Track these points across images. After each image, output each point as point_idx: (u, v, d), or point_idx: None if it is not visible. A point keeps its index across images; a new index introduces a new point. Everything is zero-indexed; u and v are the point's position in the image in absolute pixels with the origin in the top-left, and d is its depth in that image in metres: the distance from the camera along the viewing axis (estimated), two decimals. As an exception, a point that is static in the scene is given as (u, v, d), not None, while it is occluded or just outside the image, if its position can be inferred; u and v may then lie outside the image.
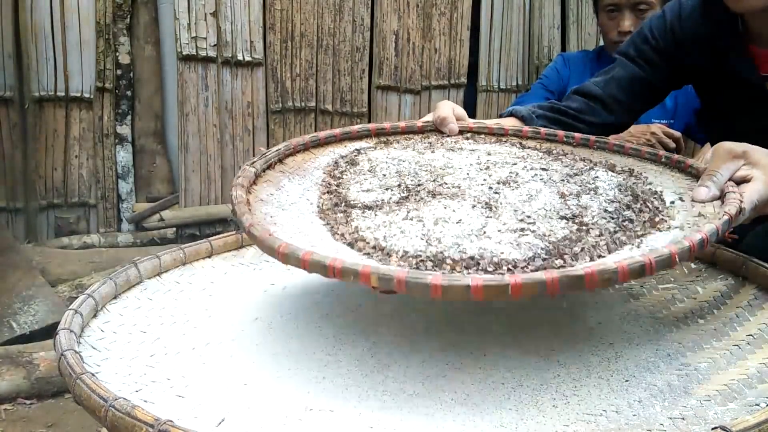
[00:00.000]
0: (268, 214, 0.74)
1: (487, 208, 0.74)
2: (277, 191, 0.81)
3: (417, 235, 0.67)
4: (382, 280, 0.54)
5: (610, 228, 0.70)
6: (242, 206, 0.69)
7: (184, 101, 3.11)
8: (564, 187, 0.80)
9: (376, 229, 0.70)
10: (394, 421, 0.59)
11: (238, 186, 0.74)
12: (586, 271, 0.54)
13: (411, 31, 3.44)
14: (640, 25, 1.37)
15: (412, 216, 0.72)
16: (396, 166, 0.88)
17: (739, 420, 0.52)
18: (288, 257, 0.58)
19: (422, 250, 0.63)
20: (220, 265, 0.95)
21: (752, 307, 0.81)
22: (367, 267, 0.55)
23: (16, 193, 2.96)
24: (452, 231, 0.68)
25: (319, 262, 0.56)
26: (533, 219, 0.71)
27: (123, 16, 3.04)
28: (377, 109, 3.45)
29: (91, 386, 0.56)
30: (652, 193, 0.82)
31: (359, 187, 0.82)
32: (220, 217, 3.24)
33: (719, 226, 0.65)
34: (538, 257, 0.62)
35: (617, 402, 0.62)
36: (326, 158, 0.92)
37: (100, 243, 3.05)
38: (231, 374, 0.68)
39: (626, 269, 0.55)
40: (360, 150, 0.94)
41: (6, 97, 2.86)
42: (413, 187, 0.81)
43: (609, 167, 0.91)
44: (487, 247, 0.64)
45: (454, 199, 0.77)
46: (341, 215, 0.75)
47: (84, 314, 0.73)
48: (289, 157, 0.89)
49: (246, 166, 0.80)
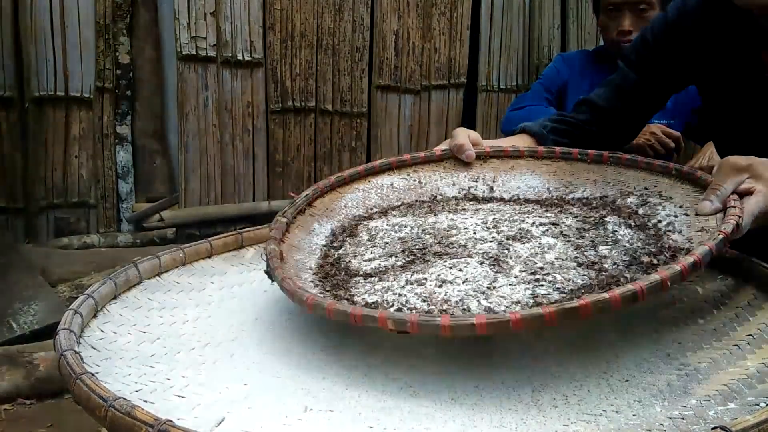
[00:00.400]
0: (301, 260, 0.77)
1: (496, 263, 0.73)
2: (308, 236, 0.84)
3: (416, 299, 0.67)
4: (398, 323, 0.61)
5: (634, 275, 0.70)
6: (275, 260, 0.74)
7: (184, 101, 3.11)
8: (578, 240, 0.80)
9: (371, 295, 0.70)
10: (394, 421, 0.59)
11: (272, 240, 0.79)
12: (579, 303, 0.57)
13: (411, 31, 3.44)
14: (642, 27, 1.37)
15: (413, 280, 0.72)
16: (398, 233, 0.87)
17: (739, 420, 0.52)
18: (315, 308, 0.66)
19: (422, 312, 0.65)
20: (220, 265, 0.95)
21: (752, 307, 0.81)
22: (383, 313, 0.62)
23: (16, 193, 2.96)
24: (458, 292, 0.68)
25: (342, 311, 0.64)
26: (548, 270, 0.71)
27: (123, 16, 3.04)
28: (377, 109, 3.45)
29: (90, 386, 0.56)
30: (669, 247, 0.80)
31: (361, 258, 0.81)
32: (220, 217, 3.24)
33: (713, 246, 0.68)
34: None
35: (617, 402, 0.62)
36: (352, 195, 0.96)
37: (99, 243, 3.05)
38: (231, 374, 0.68)
39: (618, 298, 0.58)
40: (360, 220, 0.94)
41: (6, 97, 2.86)
42: (419, 252, 0.80)
43: (621, 212, 0.90)
44: (496, 307, 0.65)
45: (460, 258, 0.76)
46: (339, 283, 0.75)
47: (84, 314, 0.73)
48: (318, 200, 0.92)
49: (278, 216, 0.84)
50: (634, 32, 2.15)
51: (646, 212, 0.88)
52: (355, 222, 0.93)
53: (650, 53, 1.26)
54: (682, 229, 0.80)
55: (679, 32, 1.23)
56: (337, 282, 0.75)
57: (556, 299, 0.65)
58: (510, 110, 2.53)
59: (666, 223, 0.85)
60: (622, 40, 2.19)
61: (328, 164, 3.42)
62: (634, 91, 1.27)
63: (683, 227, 0.81)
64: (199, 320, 0.80)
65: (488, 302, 0.66)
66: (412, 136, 3.55)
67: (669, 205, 0.88)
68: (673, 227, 0.83)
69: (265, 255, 0.75)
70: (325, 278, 0.77)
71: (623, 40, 2.18)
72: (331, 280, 0.76)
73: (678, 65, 1.25)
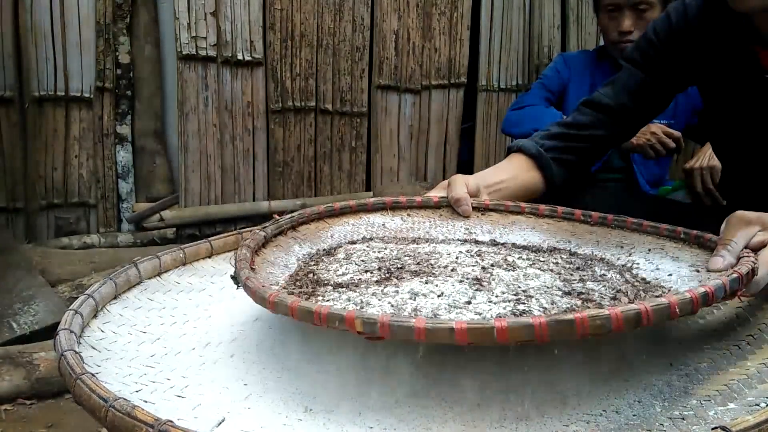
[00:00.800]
0: (273, 273, 0.74)
1: (476, 282, 0.68)
2: (286, 255, 0.81)
3: (384, 308, 0.63)
4: (367, 325, 0.55)
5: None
6: (243, 262, 0.70)
7: (184, 101, 3.11)
8: (567, 275, 0.76)
9: (336, 303, 0.66)
10: (394, 421, 0.59)
11: (245, 246, 0.74)
12: (576, 316, 0.51)
13: (411, 31, 3.44)
14: (645, 28, 1.37)
15: (385, 291, 0.67)
16: (377, 254, 0.83)
17: (739, 420, 0.52)
18: (277, 306, 0.61)
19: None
20: (220, 265, 0.95)
21: (752, 307, 0.81)
22: (352, 312, 0.56)
23: (16, 193, 2.96)
24: (431, 304, 0.63)
25: (306, 309, 0.58)
26: (531, 294, 0.66)
27: (123, 16, 3.04)
28: (377, 109, 3.45)
29: (91, 386, 0.56)
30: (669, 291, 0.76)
31: (334, 273, 0.77)
32: (220, 217, 3.24)
33: (726, 282, 0.63)
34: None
35: (617, 402, 0.62)
36: (340, 228, 0.92)
37: (100, 243, 3.05)
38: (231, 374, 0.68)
39: (620, 317, 0.52)
40: (342, 245, 0.90)
41: (6, 97, 2.86)
42: (395, 270, 0.75)
43: (615, 266, 0.85)
44: (472, 317, 0.60)
45: (439, 276, 0.71)
46: (306, 292, 0.71)
47: (84, 314, 0.73)
48: (303, 225, 0.89)
49: (257, 229, 0.80)
50: (634, 32, 2.16)
51: (645, 266, 0.84)
52: (337, 245, 0.90)
53: (656, 53, 1.26)
54: (686, 285, 0.75)
55: (682, 34, 1.23)
56: (304, 291, 0.72)
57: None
58: (510, 110, 2.53)
59: (667, 273, 0.80)
60: (622, 40, 2.19)
61: (328, 164, 3.42)
62: (641, 89, 1.27)
63: (690, 283, 0.76)
64: (199, 320, 0.80)
65: (464, 316, 0.60)
66: (413, 136, 3.55)
67: (673, 262, 0.84)
68: (677, 283, 0.77)
69: (234, 259, 0.72)
70: (293, 287, 0.73)
71: (623, 40, 2.18)
72: (298, 288, 0.73)
73: (682, 66, 1.25)
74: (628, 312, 0.52)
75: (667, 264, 0.84)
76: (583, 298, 0.67)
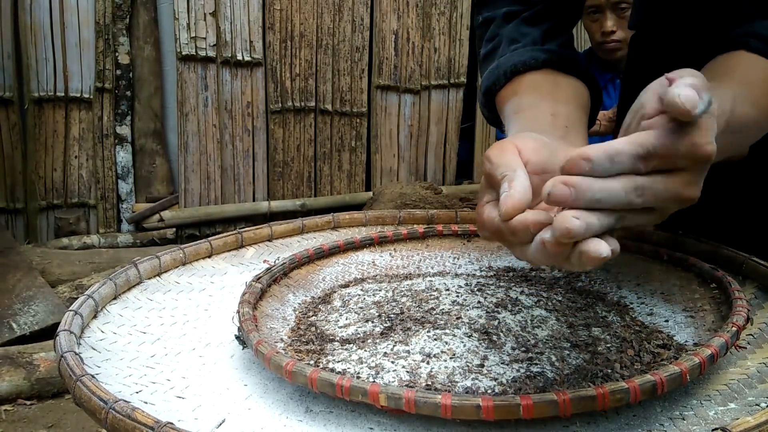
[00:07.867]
0: (274, 328, 0.74)
1: (486, 337, 0.69)
2: (282, 306, 0.81)
3: (402, 372, 0.63)
4: (392, 400, 0.56)
5: (626, 361, 0.68)
6: (249, 323, 0.70)
7: (183, 101, 3.11)
8: (570, 316, 0.75)
9: (349, 364, 0.65)
10: (394, 422, 0.59)
11: (245, 303, 0.74)
12: (598, 392, 0.55)
13: (410, 31, 3.44)
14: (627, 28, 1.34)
15: (394, 352, 0.67)
16: (371, 297, 0.82)
17: (739, 420, 0.52)
18: (295, 376, 0.60)
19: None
20: (220, 265, 0.95)
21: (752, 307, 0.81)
22: (376, 386, 0.56)
23: (16, 193, 2.96)
24: (445, 368, 0.64)
25: (327, 381, 0.58)
26: (541, 349, 0.67)
27: (122, 17, 3.04)
28: (377, 109, 3.45)
29: (91, 388, 0.56)
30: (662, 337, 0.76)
31: (335, 324, 0.76)
32: (220, 217, 3.24)
33: (728, 338, 0.65)
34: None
35: (617, 402, 0.62)
36: (330, 270, 0.92)
37: (99, 243, 3.05)
38: (231, 374, 0.68)
39: (638, 389, 0.55)
40: (335, 289, 0.90)
41: (6, 97, 2.86)
42: (395, 317, 0.74)
43: (612, 305, 0.83)
44: (487, 386, 0.61)
45: (445, 327, 0.71)
46: (315, 350, 0.70)
47: (84, 315, 0.73)
48: (294, 270, 0.89)
49: (252, 281, 0.80)
50: (617, 32, 2.17)
51: (640, 310, 0.84)
52: (330, 290, 0.90)
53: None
54: (684, 332, 0.76)
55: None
56: (312, 349, 0.72)
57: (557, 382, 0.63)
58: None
59: (663, 320, 0.80)
60: (606, 41, 2.21)
61: (327, 164, 3.42)
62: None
63: (687, 330, 0.76)
64: (199, 320, 0.80)
65: (480, 383, 0.62)
66: (412, 136, 3.55)
67: (666, 305, 0.84)
68: (673, 329, 0.76)
69: (237, 319, 0.72)
70: (299, 344, 0.74)
71: (607, 40, 2.20)
72: (305, 346, 0.73)
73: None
74: (645, 384, 0.56)
75: (661, 308, 0.84)
76: (591, 352, 0.69)
